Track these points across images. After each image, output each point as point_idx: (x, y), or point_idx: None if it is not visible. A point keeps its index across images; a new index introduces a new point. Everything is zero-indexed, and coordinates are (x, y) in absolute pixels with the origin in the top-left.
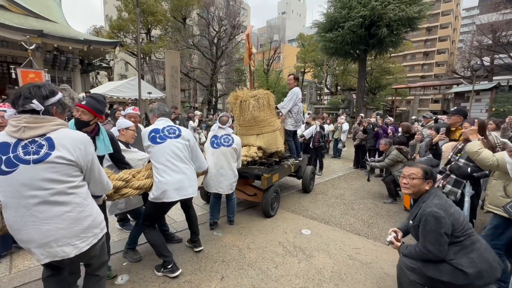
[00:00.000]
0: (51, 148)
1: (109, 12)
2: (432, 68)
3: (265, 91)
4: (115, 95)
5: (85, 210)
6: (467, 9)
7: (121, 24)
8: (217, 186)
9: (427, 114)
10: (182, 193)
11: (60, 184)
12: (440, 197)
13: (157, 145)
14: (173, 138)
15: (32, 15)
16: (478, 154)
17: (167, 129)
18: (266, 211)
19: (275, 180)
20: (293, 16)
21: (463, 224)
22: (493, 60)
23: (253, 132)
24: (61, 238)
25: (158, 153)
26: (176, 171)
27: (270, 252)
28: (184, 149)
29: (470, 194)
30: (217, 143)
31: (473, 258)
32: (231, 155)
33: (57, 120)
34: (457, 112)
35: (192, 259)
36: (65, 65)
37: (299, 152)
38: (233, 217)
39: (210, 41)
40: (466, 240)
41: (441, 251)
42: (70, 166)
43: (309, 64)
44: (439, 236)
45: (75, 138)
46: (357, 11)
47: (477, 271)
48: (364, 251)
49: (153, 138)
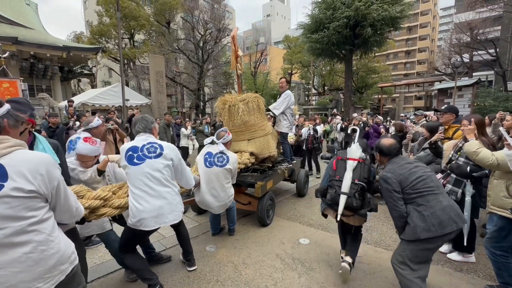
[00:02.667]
0: (3, 178)
1: (89, 18)
2: (414, 66)
3: (254, 94)
4: (97, 103)
5: (49, 248)
6: (444, 8)
7: (102, 30)
8: (209, 206)
9: (419, 111)
10: (161, 221)
11: (17, 221)
12: (394, 162)
13: (134, 167)
14: (153, 158)
15: (6, 21)
16: (476, 154)
17: (147, 147)
18: (262, 220)
19: (269, 187)
20: (278, 19)
21: (413, 182)
22: (472, 57)
23: (244, 137)
24: (18, 283)
25: (134, 176)
26: (154, 196)
27: (268, 267)
28: (166, 170)
29: (470, 194)
30: (210, 162)
31: (423, 214)
32: (224, 176)
33: (9, 141)
34: (449, 110)
35: (184, 280)
36: (43, 73)
37: (292, 156)
38: (233, 225)
39: (195, 45)
40: (419, 198)
41: (396, 205)
42: (30, 199)
43: (296, 65)
44: (390, 193)
45: (33, 161)
46: (341, 11)
47: (424, 225)
48: (366, 259)
49: (130, 158)
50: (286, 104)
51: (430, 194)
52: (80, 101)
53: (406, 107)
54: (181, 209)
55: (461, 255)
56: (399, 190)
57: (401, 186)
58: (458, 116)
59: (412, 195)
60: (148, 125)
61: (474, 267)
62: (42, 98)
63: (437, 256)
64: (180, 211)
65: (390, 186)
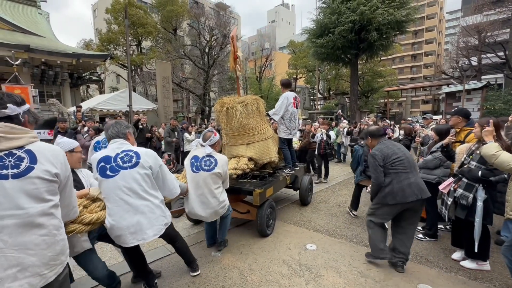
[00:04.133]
0: (33, 161)
1: (99, 26)
2: (420, 70)
3: (254, 96)
4: (105, 108)
5: (59, 233)
6: (450, 12)
7: (110, 37)
8: (199, 215)
9: (427, 115)
10: (140, 237)
11: (40, 202)
12: (382, 143)
13: (108, 180)
14: (128, 168)
15: (19, 30)
16: (496, 157)
17: (121, 156)
18: (262, 231)
19: (269, 194)
20: (283, 24)
21: (393, 160)
22: (481, 59)
23: (243, 141)
24: (29, 267)
25: (108, 190)
26: (130, 211)
27: (275, 273)
28: (144, 180)
29: (482, 199)
30: (197, 167)
31: (393, 184)
32: (213, 181)
33: (33, 132)
34: (456, 113)
35: (189, 286)
36: (53, 80)
37: (295, 162)
38: (223, 237)
39: (201, 51)
40: (394, 174)
41: (378, 176)
42: (52, 183)
43: (301, 70)
44: (375, 166)
45: (55, 150)
46: (347, 16)
47: (391, 192)
48: (375, 265)
49: (102, 169)
50: (284, 107)
51: (403, 172)
52: (88, 106)
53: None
54: (164, 222)
55: (474, 263)
56: (382, 164)
57: (383, 162)
58: (469, 119)
59: (390, 170)
60: (121, 129)
61: (490, 275)
62: (52, 104)
63: (449, 264)
64: (162, 224)
65: (376, 161)
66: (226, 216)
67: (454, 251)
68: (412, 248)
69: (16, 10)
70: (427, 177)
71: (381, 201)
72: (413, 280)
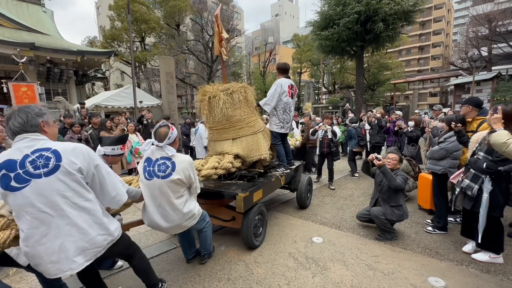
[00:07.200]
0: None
1: (102, 23)
2: (428, 62)
3: (241, 83)
4: (110, 105)
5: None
6: (459, 1)
7: (114, 34)
8: (160, 228)
9: (436, 106)
10: (66, 267)
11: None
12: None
13: (14, 193)
14: (44, 176)
15: (24, 29)
16: (507, 146)
17: (32, 158)
18: (248, 241)
19: (257, 198)
20: (287, 18)
21: None
22: (491, 50)
23: (228, 136)
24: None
25: (17, 207)
26: (50, 234)
27: (280, 266)
28: (71, 188)
29: (488, 190)
30: (149, 172)
31: None
32: (172, 190)
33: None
34: (467, 102)
35: (194, 279)
36: (59, 77)
37: (291, 159)
38: (207, 252)
39: (204, 46)
40: None
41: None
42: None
43: (305, 64)
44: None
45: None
46: (352, 7)
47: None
48: (383, 258)
49: (4, 179)
50: (278, 95)
51: None
52: (93, 103)
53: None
54: (107, 241)
55: (487, 255)
56: None
57: None
58: (482, 108)
59: None
60: (30, 119)
61: (503, 268)
62: (58, 101)
63: (460, 256)
64: (102, 246)
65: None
66: (203, 230)
67: (464, 244)
68: (421, 240)
69: (20, 9)
70: (433, 168)
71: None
72: (422, 273)
